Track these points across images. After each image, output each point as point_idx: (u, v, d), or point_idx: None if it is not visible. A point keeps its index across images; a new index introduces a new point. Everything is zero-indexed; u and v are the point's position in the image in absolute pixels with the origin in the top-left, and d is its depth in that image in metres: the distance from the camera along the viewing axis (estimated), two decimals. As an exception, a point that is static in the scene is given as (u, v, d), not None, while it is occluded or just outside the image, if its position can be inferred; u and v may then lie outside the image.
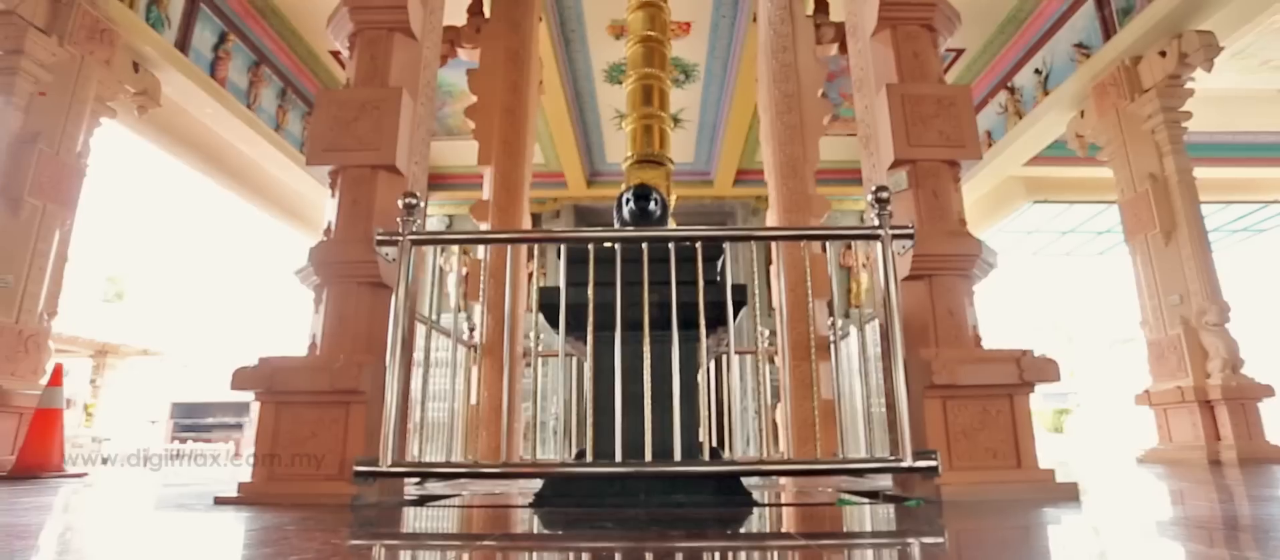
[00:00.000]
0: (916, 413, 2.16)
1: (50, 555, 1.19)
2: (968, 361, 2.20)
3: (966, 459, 2.15)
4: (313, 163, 2.44)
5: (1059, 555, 1.17)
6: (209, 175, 6.92)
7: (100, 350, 13.89)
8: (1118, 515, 1.66)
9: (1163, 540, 1.27)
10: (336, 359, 2.19)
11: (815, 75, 4.98)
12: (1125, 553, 1.17)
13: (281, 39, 6.58)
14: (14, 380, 3.84)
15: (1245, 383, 4.54)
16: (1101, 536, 1.34)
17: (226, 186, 7.25)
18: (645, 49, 3.90)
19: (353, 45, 2.68)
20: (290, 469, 2.12)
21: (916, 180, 2.47)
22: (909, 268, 2.34)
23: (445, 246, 10.62)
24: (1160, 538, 1.30)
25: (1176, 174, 5.08)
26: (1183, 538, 1.27)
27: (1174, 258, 5.02)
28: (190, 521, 1.67)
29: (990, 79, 7.37)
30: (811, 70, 4.99)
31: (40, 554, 1.19)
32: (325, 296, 2.34)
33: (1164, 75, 5.11)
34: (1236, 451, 4.36)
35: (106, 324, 13.97)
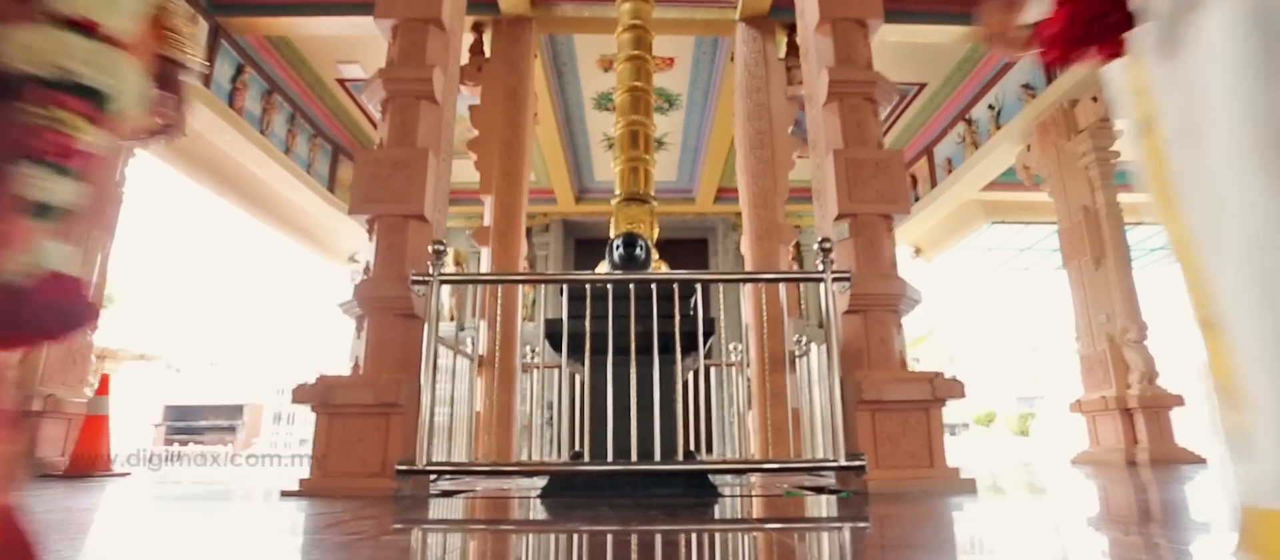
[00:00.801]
0: (851, 422, 2.69)
1: (192, 537, 1.67)
2: (893, 381, 2.73)
3: (890, 459, 2.68)
4: (355, 212, 2.93)
5: (948, 530, 1.69)
6: (221, 194, 7.34)
7: (98, 355, 14.09)
8: (998, 503, 2.20)
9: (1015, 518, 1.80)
10: (379, 378, 2.68)
11: (786, 114, 5.53)
12: (985, 524, 1.69)
13: (292, 68, 7.03)
14: (64, 389, 4.26)
15: (1159, 393, 5.14)
16: (978, 516, 1.86)
17: (236, 204, 7.66)
18: (632, 97, 4.39)
19: (385, 109, 3.17)
20: (341, 467, 2.60)
21: (856, 230, 3.01)
22: (847, 304, 2.87)
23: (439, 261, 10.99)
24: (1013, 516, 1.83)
25: (1105, 206, 5.69)
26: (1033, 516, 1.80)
27: (1103, 281, 5.63)
28: (268, 509, 2.15)
29: (949, 111, 7.98)
30: (782, 109, 5.55)
31: (186, 537, 1.68)
32: (366, 325, 2.83)
33: (1096, 118, 5.72)
34: (1150, 454, 4.95)
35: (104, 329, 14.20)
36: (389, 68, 3.14)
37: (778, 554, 1.33)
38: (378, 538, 1.48)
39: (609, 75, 7.32)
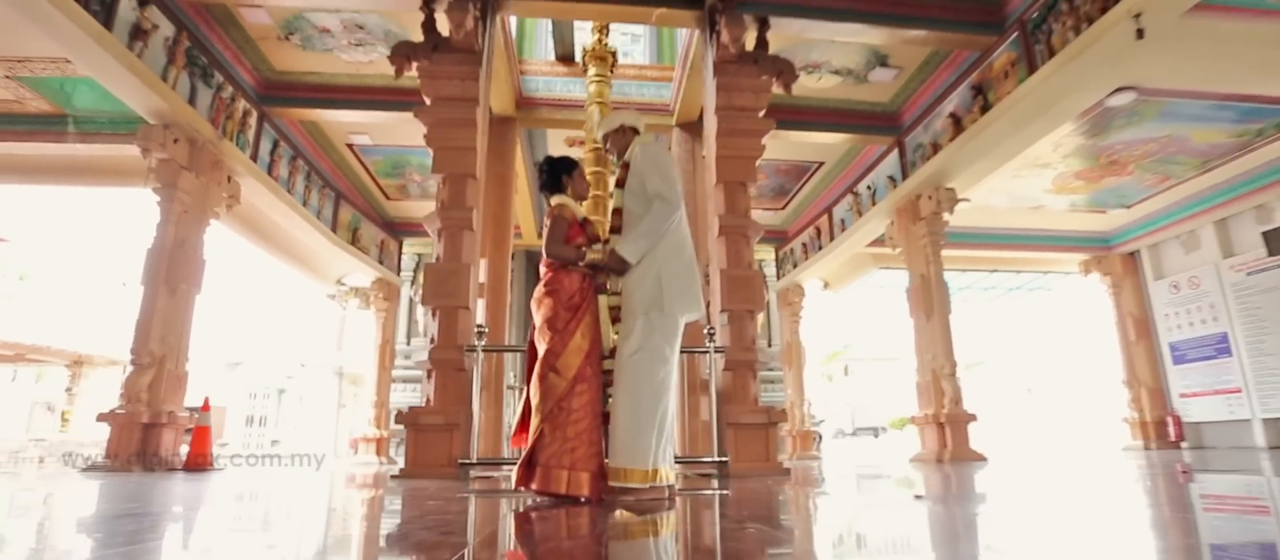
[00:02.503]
0: (723, 434, 4.61)
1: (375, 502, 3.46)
2: (746, 412, 4.67)
3: (744, 458, 4.61)
4: (427, 304, 4.70)
5: (763, 489, 3.59)
6: (245, 236, 8.83)
7: (76, 360, 15.07)
8: (802, 481, 4.13)
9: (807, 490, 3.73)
10: (445, 409, 4.46)
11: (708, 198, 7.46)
12: (777, 487, 3.61)
13: (312, 139, 8.61)
14: (175, 406, 5.84)
15: (960, 413, 7.30)
16: (781, 489, 3.79)
17: (256, 243, 9.15)
18: (594, 176, 6.21)
19: (440, 235, 4.93)
20: (423, 461, 4.37)
21: (732, 319, 4.95)
22: (724, 364, 4.80)
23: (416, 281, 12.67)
24: (808, 488, 3.76)
25: (934, 274, 7.85)
26: (823, 489, 3.73)
27: (931, 330, 7.78)
28: (389, 485, 3.91)
29: (841, 184, 10.13)
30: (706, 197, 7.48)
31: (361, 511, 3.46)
32: (434, 375, 4.60)
33: (930, 210, 7.88)
34: (951, 454, 7.11)
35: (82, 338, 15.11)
36: (442, 209, 4.92)
37: (688, 498, 3.20)
38: (457, 497, 3.29)
39: (574, 150, 9.18)
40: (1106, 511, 2.25)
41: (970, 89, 6.89)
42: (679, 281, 2.64)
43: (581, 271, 2.66)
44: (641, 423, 2.49)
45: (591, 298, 2.65)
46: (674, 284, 2.62)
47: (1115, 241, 11.05)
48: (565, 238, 2.64)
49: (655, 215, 2.62)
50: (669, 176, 2.73)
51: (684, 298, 2.64)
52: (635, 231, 2.62)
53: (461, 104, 5.14)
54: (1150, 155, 8.08)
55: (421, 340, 12.38)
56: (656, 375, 2.55)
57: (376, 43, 6.79)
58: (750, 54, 5.68)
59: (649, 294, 2.60)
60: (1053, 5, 5.66)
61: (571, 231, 2.66)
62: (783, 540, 1.67)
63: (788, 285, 12.26)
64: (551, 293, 2.58)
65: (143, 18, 5.40)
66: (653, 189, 2.67)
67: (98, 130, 6.52)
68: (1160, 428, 10.37)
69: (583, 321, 2.57)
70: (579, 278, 2.64)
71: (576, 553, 1.56)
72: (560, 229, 2.64)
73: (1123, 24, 4.97)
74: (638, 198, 2.70)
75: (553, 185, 2.80)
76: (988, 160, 7.31)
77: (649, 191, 2.67)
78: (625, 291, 2.67)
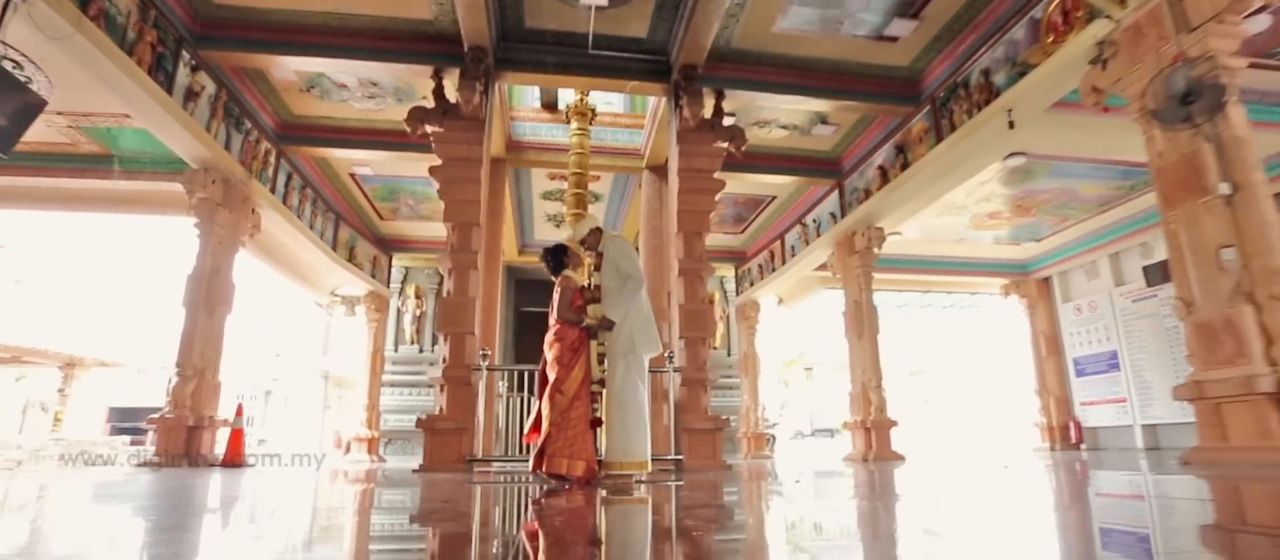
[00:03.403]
0: (680, 437, 5.78)
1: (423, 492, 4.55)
2: (698, 420, 5.85)
3: (695, 457, 5.78)
4: (441, 331, 5.77)
5: (707, 481, 4.76)
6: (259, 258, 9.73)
7: (68, 362, 15.62)
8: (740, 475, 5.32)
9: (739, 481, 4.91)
10: (455, 416, 5.54)
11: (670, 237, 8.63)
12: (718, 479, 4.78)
13: (319, 169, 9.57)
14: (212, 411, 6.80)
15: (883, 419, 8.61)
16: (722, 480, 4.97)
17: (266, 263, 10.05)
18: (573, 217, 7.32)
19: (450, 273, 6.00)
20: (438, 458, 5.44)
21: (688, 345, 6.12)
22: (681, 381, 5.97)
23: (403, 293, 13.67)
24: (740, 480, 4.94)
25: (866, 302, 9.16)
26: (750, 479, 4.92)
27: (862, 348, 9.08)
28: (415, 477, 4.99)
29: (793, 214, 11.41)
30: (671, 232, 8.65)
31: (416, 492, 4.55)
32: (445, 389, 5.67)
33: (863, 246, 9.18)
34: (875, 454, 8.40)
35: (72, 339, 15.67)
36: (452, 252, 6.00)
37: (650, 487, 4.33)
38: (467, 483, 4.40)
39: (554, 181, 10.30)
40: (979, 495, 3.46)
41: (894, 147, 8.19)
42: (645, 334, 3.81)
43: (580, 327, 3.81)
44: (631, 430, 3.67)
45: (586, 344, 3.80)
46: (641, 336, 3.79)
47: (1031, 268, 12.55)
48: (570, 303, 3.78)
49: (628, 291, 3.78)
50: (633, 261, 3.89)
51: (648, 345, 3.81)
52: (616, 302, 3.79)
53: (468, 164, 6.24)
54: (1047, 202, 9.52)
55: (408, 348, 13.35)
56: (637, 397, 3.72)
57: (387, 96, 7.81)
58: (708, 122, 6.88)
59: (625, 343, 3.76)
60: (953, 90, 6.98)
61: (575, 297, 3.81)
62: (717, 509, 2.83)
63: (745, 301, 13.51)
64: (559, 339, 3.73)
65: (194, 82, 6.37)
66: (624, 271, 3.83)
67: (140, 169, 7.43)
68: (1064, 431, 11.88)
69: (580, 359, 3.72)
70: (578, 330, 3.78)
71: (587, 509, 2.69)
72: (567, 297, 3.79)
73: (1001, 114, 6.30)
74: (611, 276, 3.86)
75: (558, 267, 3.95)
76: (910, 205, 8.63)
77: (621, 272, 3.83)
78: (609, 341, 3.82)
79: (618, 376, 3.71)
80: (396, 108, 7.95)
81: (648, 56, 7.04)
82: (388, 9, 6.35)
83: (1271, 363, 3.91)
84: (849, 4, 6.40)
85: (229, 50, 6.55)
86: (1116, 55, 4.96)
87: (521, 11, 6.47)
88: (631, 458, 3.67)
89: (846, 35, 6.86)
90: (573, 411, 3.63)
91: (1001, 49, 6.33)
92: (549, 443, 3.61)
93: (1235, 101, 4.31)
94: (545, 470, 3.63)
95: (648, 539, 1.83)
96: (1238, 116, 4.28)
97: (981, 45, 6.63)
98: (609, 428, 3.71)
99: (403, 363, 13.09)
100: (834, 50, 7.12)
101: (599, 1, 6.20)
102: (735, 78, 7.25)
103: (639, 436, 3.70)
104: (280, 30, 6.50)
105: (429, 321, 13.59)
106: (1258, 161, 4.28)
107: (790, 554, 1.55)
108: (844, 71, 7.44)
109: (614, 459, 3.69)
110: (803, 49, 7.07)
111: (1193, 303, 4.35)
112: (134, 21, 5.46)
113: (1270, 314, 3.95)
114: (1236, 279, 4.09)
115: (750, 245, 13.37)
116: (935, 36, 6.95)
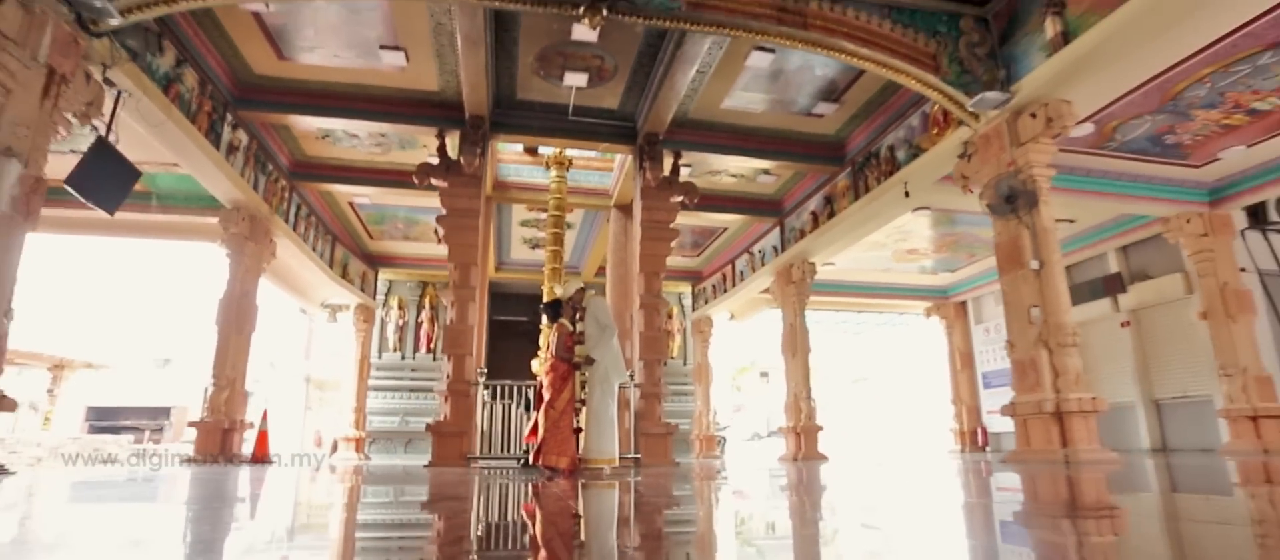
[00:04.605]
0: (638, 439, 7.19)
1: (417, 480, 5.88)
2: (654, 425, 7.28)
3: (651, 456, 7.21)
4: (446, 352, 7.07)
5: (659, 474, 6.17)
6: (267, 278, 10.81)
7: (57, 365, 16.29)
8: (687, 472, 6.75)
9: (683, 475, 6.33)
10: (457, 422, 6.86)
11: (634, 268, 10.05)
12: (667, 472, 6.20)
13: (323, 200, 10.74)
14: (241, 416, 7.97)
15: (811, 425, 10.17)
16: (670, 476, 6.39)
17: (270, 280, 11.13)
18: (550, 253, 8.69)
19: (452, 302, 7.30)
20: (442, 455, 6.75)
21: (646, 366, 7.54)
22: (640, 395, 7.39)
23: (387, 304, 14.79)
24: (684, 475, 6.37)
25: (800, 325, 10.72)
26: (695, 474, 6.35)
27: (795, 365, 10.63)
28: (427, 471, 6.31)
29: (742, 243, 12.95)
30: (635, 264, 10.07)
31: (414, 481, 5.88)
32: (449, 398, 6.98)
33: (798, 277, 10.74)
34: (804, 454, 9.95)
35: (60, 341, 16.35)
36: (454, 287, 7.30)
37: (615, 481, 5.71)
38: (463, 475, 5.73)
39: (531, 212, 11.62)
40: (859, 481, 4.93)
41: (824, 197, 9.76)
42: (615, 367, 5.23)
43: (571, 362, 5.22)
44: (603, 435, 5.09)
45: (573, 373, 5.20)
46: (613, 369, 5.22)
47: (950, 293, 14.35)
48: (564, 344, 5.17)
49: (604, 338, 5.19)
50: (608, 314, 5.31)
51: (618, 375, 5.24)
52: (596, 345, 5.19)
53: (469, 214, 7.56)
54: (954, 243, 11.24)
55: (392, 355, 14.47)
56: (608, 412, 5.14)
57: (392, 144, 9.05)
58: (666, 179, 8.31)
59: (601, 373, 5.18)
60: (868, 159, 8.55)
61: (567, 340, 5.21)
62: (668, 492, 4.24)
63: (700, 317, 15.02)
64: (553, 369, 5.12)
65: (234, 138, 7.55)
66: (601, 322, 5.23)
67: (175, 204, 8.53)
68: (973, 436, 13.68)
69: (568, 385, 5.11)
70: (568, 365, 5.18)
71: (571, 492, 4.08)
72: (563, 339, 5.18)
73: (899, 184, 7.88)
74: (592, 325, 5.27)
75: (555, 316, 5.33)
76: (837, 244, 10.22)
77: (599, 323, 5.24)
78: (589, 373, 5.23)
79: (595, 397, 5.12)
80: (399, 153, 9.21)
81: (618, 123, 8.44)
82: (401, 81, 7.61)
83: (1056, 391, 5.52)
84: (784, 90, 7.90)
85: (264, 111, 7.73)
86: (975, 154, 6.55)
87: (514, 87, 7.80)
88: (603, 455, 5.08)
89: (783, 111, 8.36)
90: (562, 421, 5.02)
91: (902, 132, 7.92)
92: (544, 443, 4.99)
93: (1045, 201, 5.92)
94: (541, 463, 5.01)
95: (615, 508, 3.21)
96: (1046, 213, 5.90)
97: (888, 126, 8.20)
98: (587, 433, 5.11)
99: (385, 369, 14.21)
100: (773, 122, 8.62)
101: (579, 82, 7.58)
102: (691, 141, 8.71)
103: (609, 439, 5.12)
104: (308, 95, 7.71)
105: (411, 331, 14.74)
106: (1057, 244, 5.90)
107: (706, 510, 2.96)
108: (781, 137, 8.96)
109: (590, 456, 5.10)
110: (747, 120, 8.56)
111: (1015, 345, 5.96)
112: (195, 95, 6.64)
113: (1058, 357, 5.56)
114: (1039, 330, 5.69)
115: (706, 266, 14.88)
116: (854, 114, 8.51)
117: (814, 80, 7.69)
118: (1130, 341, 10.77)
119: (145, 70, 5.65)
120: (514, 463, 7.11)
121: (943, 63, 6.18)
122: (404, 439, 13.42)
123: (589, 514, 2.50)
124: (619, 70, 7.49)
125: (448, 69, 7.29)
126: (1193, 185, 8.87)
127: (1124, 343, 10.85)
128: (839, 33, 5.95)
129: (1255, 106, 6.90)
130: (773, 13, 5.79)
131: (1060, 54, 5.51)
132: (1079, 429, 5.37)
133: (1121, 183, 8.67)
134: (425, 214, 11.23)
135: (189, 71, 6.50)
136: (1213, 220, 8.89)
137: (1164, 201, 8.91)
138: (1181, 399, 10.07)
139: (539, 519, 2.27)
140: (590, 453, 5.23)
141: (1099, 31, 5.18)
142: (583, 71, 7.37)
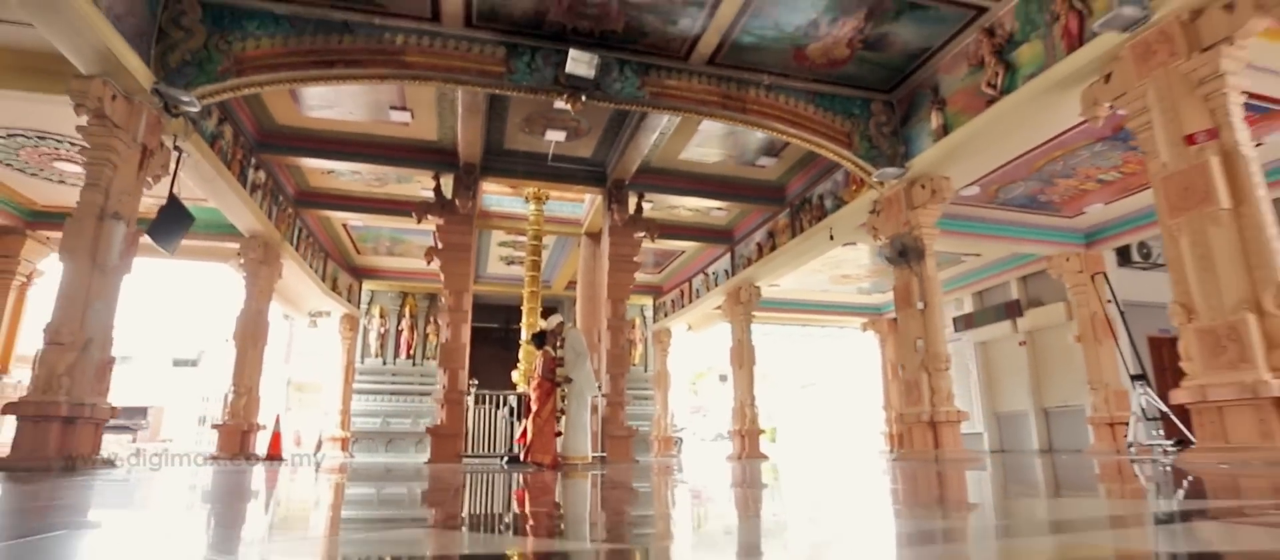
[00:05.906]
0: (606, 441, 8.56)
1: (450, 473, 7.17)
2: (618, 429, 8.66)
3: (615, 454, 8.58)
4: (442, 366, 8.34)
5: (619, 468, 7.54)
6: (263, 290, 11.85)
7: (41, 365, 16.84)
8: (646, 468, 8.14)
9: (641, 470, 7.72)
10: (452, 425, 8.13)
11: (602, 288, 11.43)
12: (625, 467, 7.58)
13: (318, 221, 11.85)
14: (256, 419, 9.08)
15: (753, 429, 11.68)
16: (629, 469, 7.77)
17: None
18: (529, 276, 10.02)
19: (446, 323, 8.56)
20: (440, 455, 8.01)
21: (612, 378, 8.92)
22: (607, 403, 8.77)
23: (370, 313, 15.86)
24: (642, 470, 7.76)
25: (746, 340, 12.23)
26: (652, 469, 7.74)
27: (741, 376, 12.13)
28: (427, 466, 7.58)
29: (699, 264, 14.43)
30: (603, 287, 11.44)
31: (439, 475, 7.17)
32: (443, 405, 8.24)
33: (745, 298, 12.25)
34: (747, 454, 11.45)
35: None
36: (449, 311, 8.56)
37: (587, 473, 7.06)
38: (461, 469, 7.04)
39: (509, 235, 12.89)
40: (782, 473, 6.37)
41: (768, 231, 11.28)
42: (588, 385, 6.61)
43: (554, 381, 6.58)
44: (579, 436, 6.45)
45: (555, 390, 6.55)
46: (587, 386, 6.60)
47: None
48: (548, 367, 6.52)
49: (579, 363, 6.56)
50: (583, 344, 6.68)
51: (590, 389, 6.61)
52: (574, 367, 6.56)
53: (463, 248, 8.83)
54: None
55: (373, 360, 15.54)
56: (582, 419, 6.51)
57: (389, 179, 10.24)
58: (631, 218, 9.70)
59: (577, 390, 6.54)
60: (804, 203, 10.09)
61: (550, 364, 6.56)
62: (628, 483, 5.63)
63: (660, 328, 16.46)
64: (540, 386, 6.47)
65: (256, 177, 8.68)
66: (577, 350, 6.60)
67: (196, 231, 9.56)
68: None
69: (552, 398, 6.46)
70: (552, 383, 6.53)
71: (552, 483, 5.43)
72: (548, 363, 6.52)
73: (826, 229, 9.42)
74: (570, 352, 6.64)
75: (541, 344, 6.67)
76: (779, 272, 11.76)
77: (575, 350, 6.61)
78: (568, 389, 6.59)
79: (572, 408, 6.49)
80: (395, 186, 10.40)
81: (591, 168, 9.81)
82: (404, 133, 8.84)
83: (933, 405, 7.08)
84: (733, 146, 9.36)
85: (282, 155, 8.88)
86: (882, 211, 8.10)
87: (502, 139, 9.10)
88: (578, 453, 6.45)
89: (732, 162, 9.83)
90: (546, 427, 6.38)
91: (830, 184, 9.47)
92: (532, 444, 6.34)
93: (931, 254, 7.49)
94: (530, 459, 6.35)
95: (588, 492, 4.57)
96: (931, 264, 7.47)
97: (819, 178, 9.74)
98: (565, 436, 6.48)
99: (368, 373, 15.28)
100: (724, 169, 10.09)
101: (558, 137, 8.92)
102: (654, 184, 10.12)
103: (583, 441, 6.49)
104: (322, 141, 8.88)
105: (391, 338, 15.84)
106: (939, 289, 7.48)
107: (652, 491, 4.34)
108: (731, 182, 10.44)
109: (568, 453, 6.47)
110: (702, 168, 10.01)
111: (903, 367, 7.52)
112: (231, 146, 7.79)
113: (934, 379, 7.12)
114: (922, 358, 7.26)
115: (666, 283, 16.32)
116: (791, 166, 10.03)
117: (757, 139, 9.17)
118: (1026, 358, 12.57)
119: (201, 134, 6.81)
120: (497, 460, 8.41)
121: (855, 140, 7.72)
122: (385, 439, 14.52)
123: (567, 497, 3.88)
124: (593, 129, 8.86)
125: (447, 125, 8.56)
126: (1071, 230, 10.64)
127: (1021, 359, 12.64)
128: (772, 116, 7.44)
129: (1101, 177, 8.62)
130: (719, 100, 7.25)
131: (941, 142, 7.08)
132: (948, 435, 6.94)
133: (1013, 228, 10.39)
134: (410, 233, 12.40)
135: (227, 128, 7.65)
136: (1087, 259, 10.67)
137: (1047, 243, 10.67)
138: (1063, 408, 11.89)
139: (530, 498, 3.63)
140: (568, 451, 6.59)
141: (967, 129, 6.76)
142: (562, 130, 8.72)
